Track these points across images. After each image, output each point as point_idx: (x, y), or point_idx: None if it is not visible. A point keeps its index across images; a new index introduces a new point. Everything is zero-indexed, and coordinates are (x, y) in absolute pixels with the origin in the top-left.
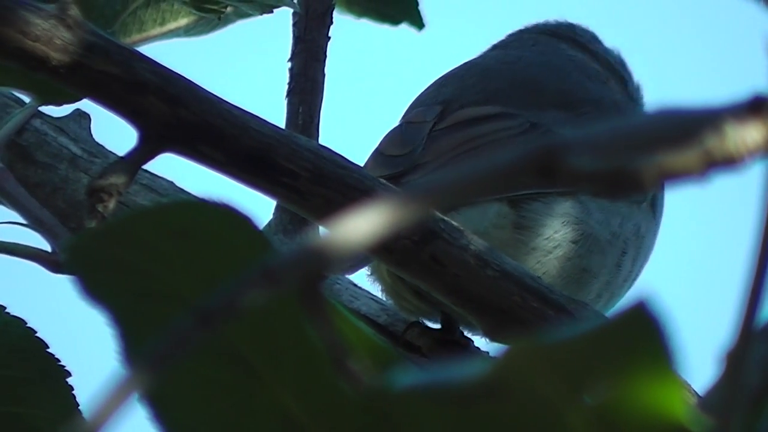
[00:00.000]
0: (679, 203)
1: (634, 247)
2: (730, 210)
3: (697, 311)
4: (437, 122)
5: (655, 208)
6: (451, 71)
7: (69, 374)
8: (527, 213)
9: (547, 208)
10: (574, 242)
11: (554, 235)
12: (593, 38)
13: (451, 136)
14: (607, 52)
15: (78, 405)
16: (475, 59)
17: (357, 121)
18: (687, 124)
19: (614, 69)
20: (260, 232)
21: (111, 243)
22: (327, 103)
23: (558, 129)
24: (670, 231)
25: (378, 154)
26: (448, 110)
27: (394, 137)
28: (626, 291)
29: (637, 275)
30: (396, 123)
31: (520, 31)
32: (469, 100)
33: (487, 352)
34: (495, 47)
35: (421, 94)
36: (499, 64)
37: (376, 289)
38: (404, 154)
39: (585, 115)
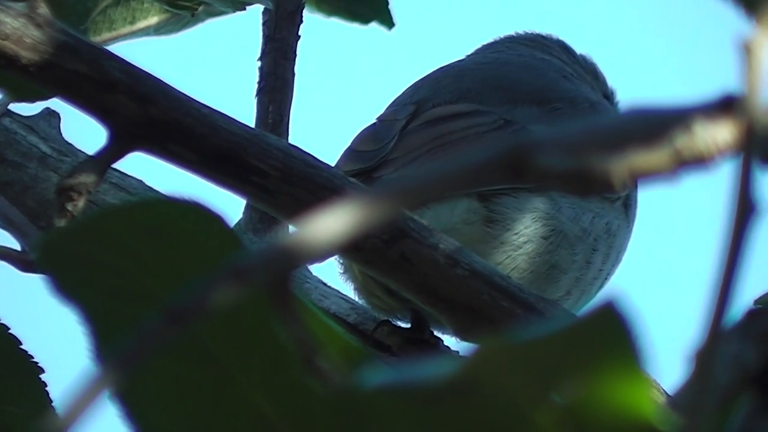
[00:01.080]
0: (649, 202)
1: (606, 244)
2: (700, 209)
3: (667, 310)
4: (410, 120)
5: (628, 209)
6: (428, 74)
7: (42, 371)
8: (497, 208)
9: (517, 203)
10: (544, 238)
11: (524, 231)
12: (563, 46)
13: (422, 133)
14: (579, 57)
15: (51, 401)
16: (451, 63)
17: (327, 120)
18: (657, 123)
19: (588, 73)
20: (231, 230)
21: (82, 241)
22: (297, 102)
23: (532, 126)
24: (640, 230)
25: (350, 151)
26: (421, 109)
27: (366, 134)
28: (597, 289)
29: (608, 274)
30: (369, 122)
31: (494, 41)
32: (443, 100)
33: (457, 352)
34: (470, 54)
35: (398, 95)
36: (475, 65)
37: (347, 288)
38: (375, 150)
39: (559, 112)
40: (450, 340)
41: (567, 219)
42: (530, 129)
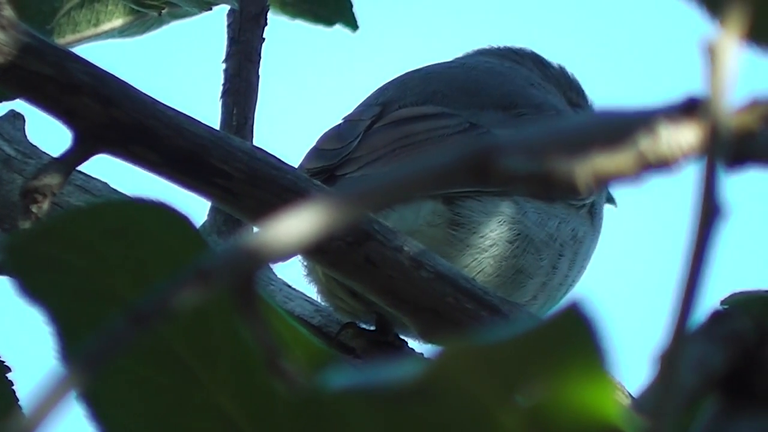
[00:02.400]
0: (615, 204)
1: (571, 250)
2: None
3: (632, 312)
4: (375, 121)
5: (593, 217)
6: (395, 77)
7: (9, 370)
8: (462, 210)
9: (482, 207)
10: (510, 242)
11: (490, 234)
12: (536, 59)
13: (387, 133)
14: (554, 69)
15: (18, 400)
16: (419, 67)
17: (291, 122)
18: (621, 125)
19: (563, 84)
20: (197, 231)
21: (47, 242)
22: (261, 105)
23: (497, 130)
24: (605, 232)
25: (313, 149)
26: (387, 110)
27: (330, 134)
28: (563, 295)
29: (574, 280)
30: (334, 124)
31: (465, 54)
32: (410, 101)
33: (421, 354)
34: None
35: (365, 97)
36: (442, 68)
37: (311, 290)
38: (338, 149)
39: (525, 117)
40: (415, 343)
41: (533, 224)
42: (495, 133)
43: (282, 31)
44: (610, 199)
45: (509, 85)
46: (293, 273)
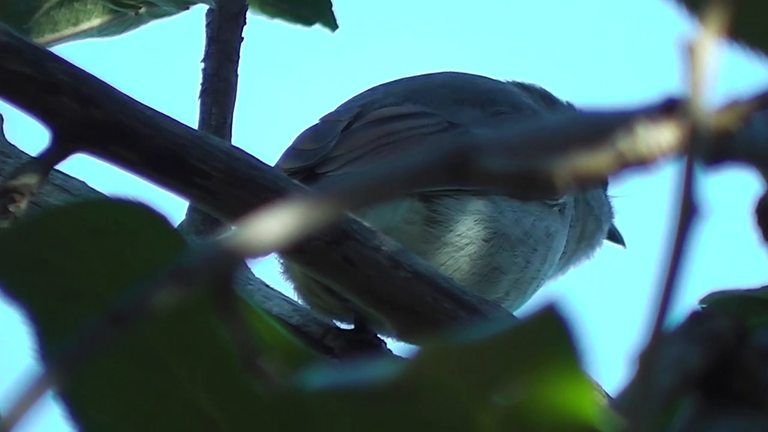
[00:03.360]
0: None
1: (544, 247)
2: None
3: (609, 312)
4: (354, 121)
5: (563, 214)
6: (377, 85)
7: None
8: (439, 208)
9: (459, 205)
10: (486, 240)
11: (467, 232)
12: (543, 94)
13: (366, 132)
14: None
15: None
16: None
17: (270, 122)
18: (600, 125)
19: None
20: (176, 230)
21: (26, 241)
22: (240, 104)
23: (476, 129)
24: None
25: (290, 149)
26: (366, 111)
27: (308, 133)
28: (534, 289)
29: (545, 274)
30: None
31: None
32: (389, 103)
33: (400, 354)
34: None
35: (345, 100)
36: (424, 75)
37: (289, 290)
38: (316, 149)
39: (503, 116)
40: (393, 342)
41: (509, 222)
42: (474, 132)
43: (261, 31)
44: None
45: (488, 87)
46: (272, 273)
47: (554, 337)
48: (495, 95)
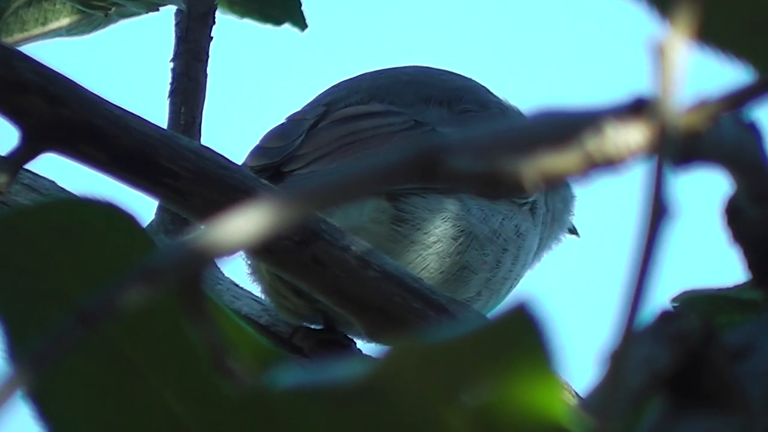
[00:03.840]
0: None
1: (515, 246)
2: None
3: (579, 312)
4: (320, 120)
5: (534, 213)
6: (343, 80)
7: None
8: (406, 207)
9: (426, 204)
10: (454, 238)
11: (434, 231)
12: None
13: (331, 130)
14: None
15: None
16: (371, 71)
17: (239, 121)
18: (568, 125)
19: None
20: (144, 230)
21: None
22: (209, 104)
23: (442, 128)
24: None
25: (256, 148)
26: (332, 110)
27: (273, 132)
28: (507, 290)
29: (519, 275)
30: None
31: None
32: (355, 101)
33: (369, 353)
34: None
35: (311, 99)
36: (391, 70)
37: (257, 290)
38: (282, 147)
39: (470, 114)
40: (362, 342)
41: (477, 220)
42: (441, 131)
43: (230, 30)
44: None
45: (455, 84)
46: (241, 272)
47: (524, 336)
48: (462, 93)
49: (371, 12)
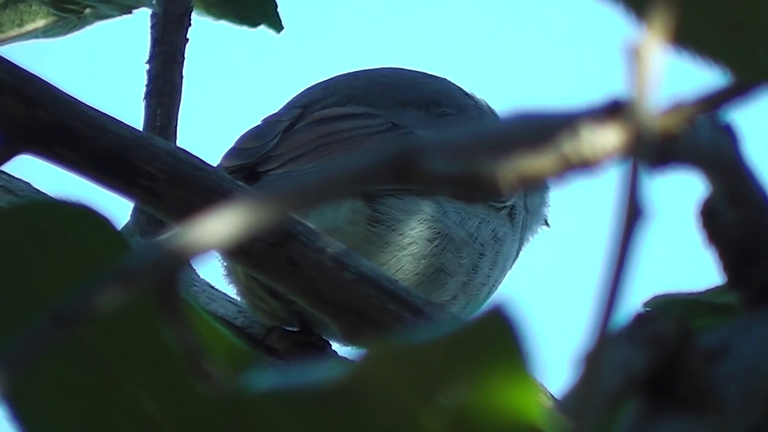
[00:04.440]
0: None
1: (492, 250)
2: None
3: (555, 315)
4: (296, 121)
5: (513, 218)
6: (320, 81)
7: None
8: (382, 208)
9: (402, 205)
10: (430, 240)
11: (409, 232)
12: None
13: (307, 131)
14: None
15: None
16: (347, 72)
17: (215, 123)
18: (544, 127)
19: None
20: (119, 232)
21: None
22: (185, 106)
23: (419, 131)
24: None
25: (232, 149)
26: (308, 112)
27: (249, 133)
28: (485, 296)
29: (497, 280)
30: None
31: None
32: (332, 102)
33: (345, 356)
34: None
35: (292, 98)
36: (368, 71)
37: (233, 291)
38: (257, 147)
39: (448, 117)
40: (338, 345)
41: (453, 223)
42: (418, 133)
43: (206, 32)
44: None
45: (433, 87)
46: (217, 274)
47: (499, 338)
48: (440, 97)
49: (347, 14)
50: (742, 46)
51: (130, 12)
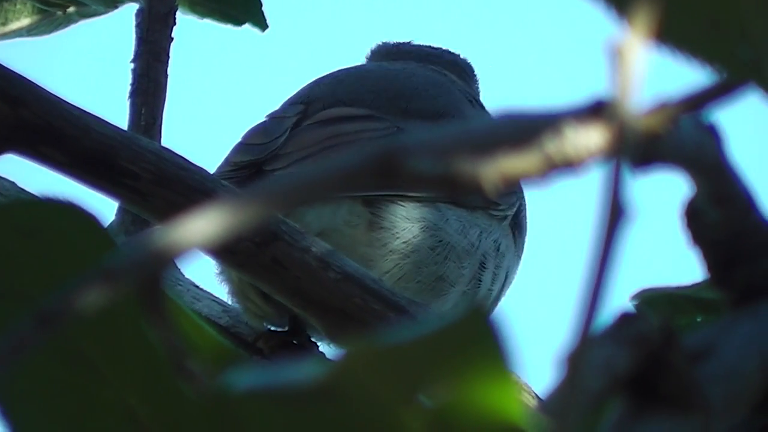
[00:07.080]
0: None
1: (494, 262)
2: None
3: (537, 313)
4: (303, 118)
5: (516, 230)
6: (329, 74)
7: None
8: (383, 213)
9: (404, 211)
10: (431, 248)
11: (411, 239)
12: (471, 69)
13: (316, 131)
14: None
15: None
16: (356, 66)
17: (200, 122)
18: (528, 127)
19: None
20: (106, 231)
21: None
22: (170, 105)
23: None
24: None
25: (240, 144)
26: (312, 109)
27: (256, 129)
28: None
29: (499, 294)
30: (242, 123)
31: (400, 45)
32: (338, 100)
33: (330, 356)
34: (375, 54)
35: (294, 93)
36: (380, 69)
37: (219, 291)
38: (265, 144)
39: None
40: (327, 346)
41: (453, 231)
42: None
43: (191, 31)
44: None
45: (443, 96)
46: (202, 273)
47: (481, 337)
48: (450, 108)
49: (332, 12)
50: (724, 43)
51: (116, 7)
